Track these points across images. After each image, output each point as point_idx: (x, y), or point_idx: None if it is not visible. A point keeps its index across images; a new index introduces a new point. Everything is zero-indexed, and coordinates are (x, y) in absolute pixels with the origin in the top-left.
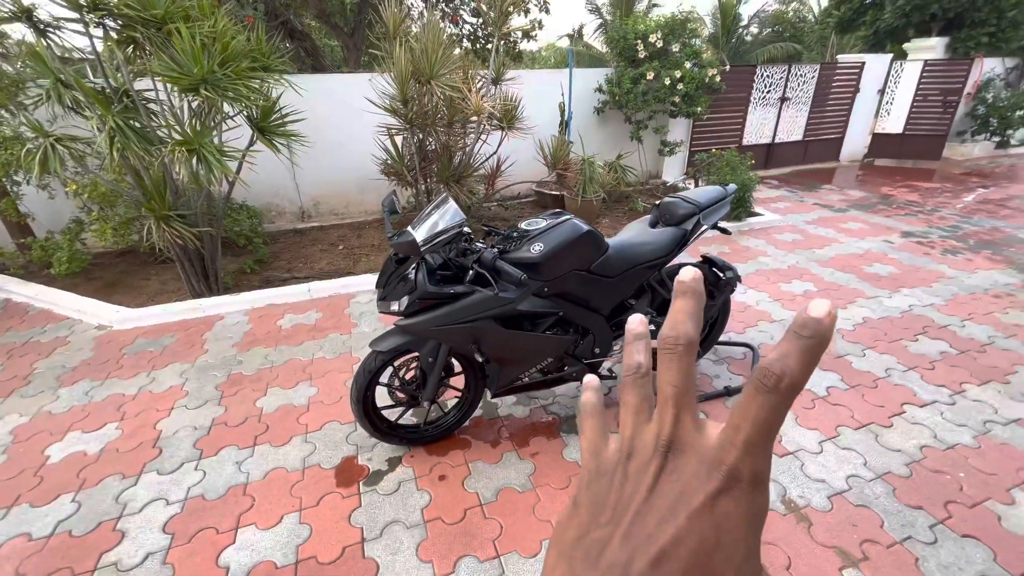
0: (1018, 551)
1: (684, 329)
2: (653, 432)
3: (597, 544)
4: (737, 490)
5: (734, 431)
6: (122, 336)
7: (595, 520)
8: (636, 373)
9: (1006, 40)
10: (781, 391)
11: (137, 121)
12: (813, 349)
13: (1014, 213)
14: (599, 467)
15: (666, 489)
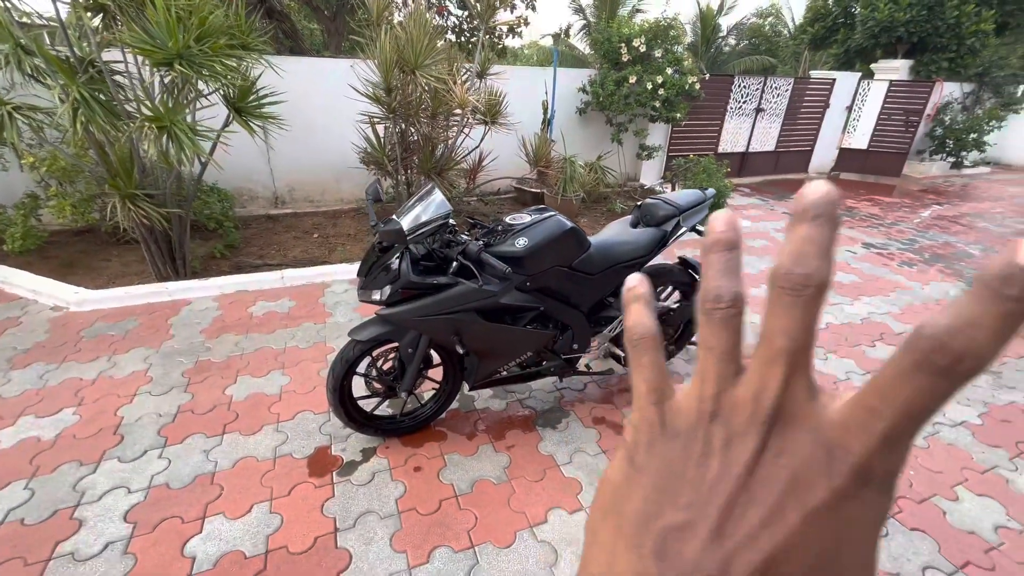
0: (960, 544)
1: (817, 267)
2: (750, 392)
3: (676, 534)
4: (867, 489)
5: (870, 414)
6: (80, 318)
7: (669, 498)
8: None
9: (964, 66)
10: (957, 375)
11: (104, 93)
12: (1017, 318)
13: (965, 229)
14: (667, 422)
15: (770, 474)
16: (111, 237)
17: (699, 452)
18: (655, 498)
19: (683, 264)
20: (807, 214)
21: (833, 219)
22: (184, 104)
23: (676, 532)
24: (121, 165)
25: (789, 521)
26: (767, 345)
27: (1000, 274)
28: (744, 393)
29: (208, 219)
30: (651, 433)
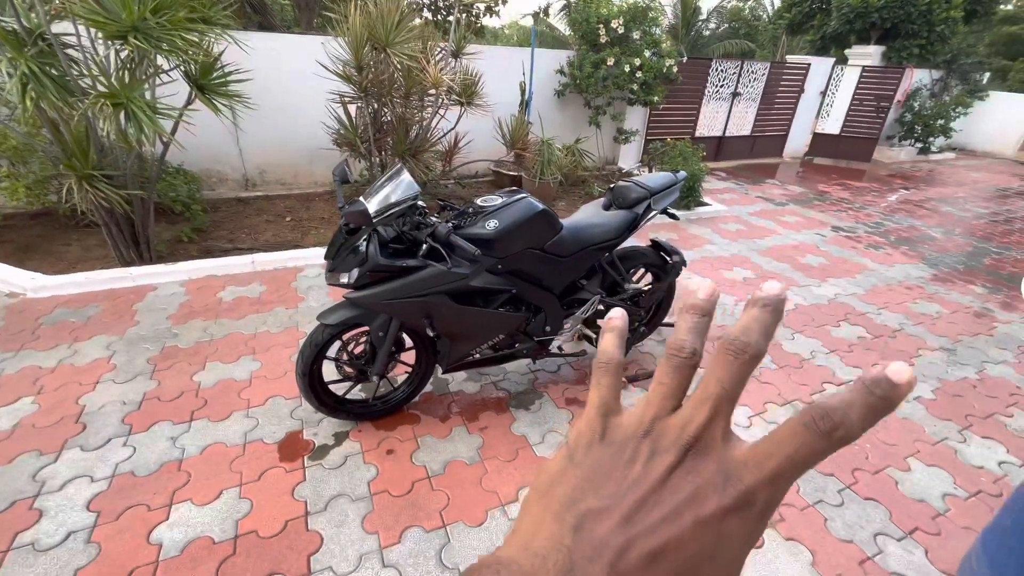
0: (910, 511)
1: (756, 340)
2: (679, 423)
3: (592, 516)
4: (748, 511)
5: (765, 457)
6: (38, 305)
7: (594, 488)
8: (684, 356)
9: (934, 53)
10: (832, 440)
11: (55, 68)
12: (879, 411)
13: (930, 213)
14: (608, 433)
15: (678, 485)
16: (70, 220)
17: (627, 459)
18: (583, 487)
19: (655, 246)
20: (760, 302)
21: (778, 311)
22: (142, 80)
23: (594, 514)
24: (76, 144)
25: (683, 522)
26: (703, 388)
27: (873, 378)
28: (675, 422)
29: (174, 202)
30: (592, 438)
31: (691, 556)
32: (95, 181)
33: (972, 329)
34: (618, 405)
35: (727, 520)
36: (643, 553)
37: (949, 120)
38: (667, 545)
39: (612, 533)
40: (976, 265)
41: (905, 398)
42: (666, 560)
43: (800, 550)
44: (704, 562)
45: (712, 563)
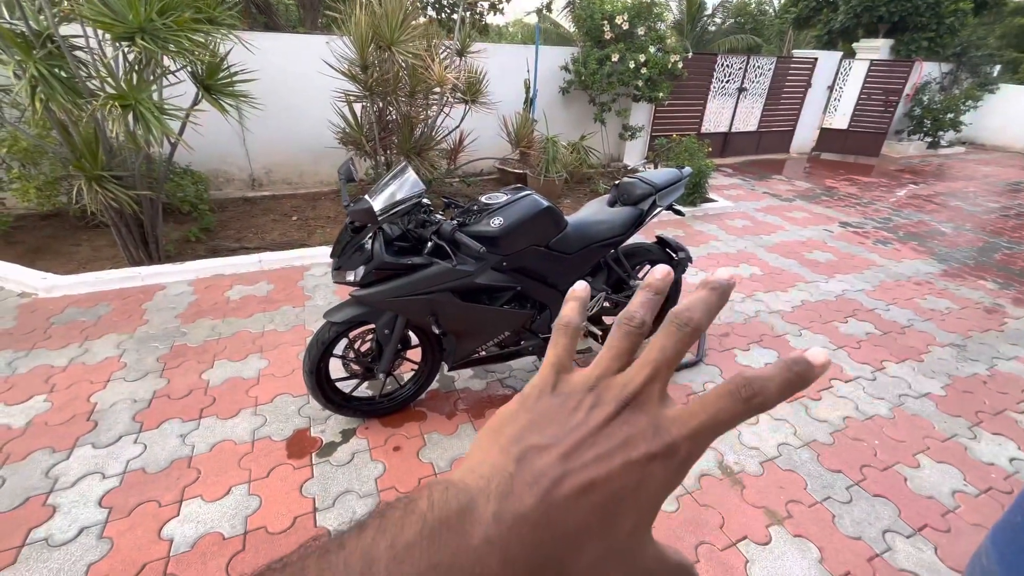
0: (919, 508)
1: (699, 317)
2: (623, 381)
3: (535, 451)
4: (670, 460)
5: (691, 416)
6: (50, 305)
7: (539, 429)
8: (634, 325)
9: (943, 46)
10: (750, 406)
11: (64, 70)
12: (793, 385)
13: (939, 208)
14: (558, 386)
15: (613, 432)
16: (80, 221)
17: (571, 407)
18: (530, 427)
19: (660, 243)
20: (709, 285)
21: (724, 295)
22: (149, 81)
23: (536, 450)
24: (86, 145)
25: (613, 462)
26: (647, 354)
27: (794, 358)
28: (619, 380)
29: (182, 202)
30: (543, 389)
31: (616, 491)
32: (104, 182)
33: (983, 325)
34: (570, 364)
35: (651, 465)
36: (576, 484)
37: (959, 114)
38: (597, 480)
39: (551, 466)
40: (987, 260)
41: (817, 378)
42: (595, 492)
43: (808, 547)
44: (627, 496)
45: (634, 499)
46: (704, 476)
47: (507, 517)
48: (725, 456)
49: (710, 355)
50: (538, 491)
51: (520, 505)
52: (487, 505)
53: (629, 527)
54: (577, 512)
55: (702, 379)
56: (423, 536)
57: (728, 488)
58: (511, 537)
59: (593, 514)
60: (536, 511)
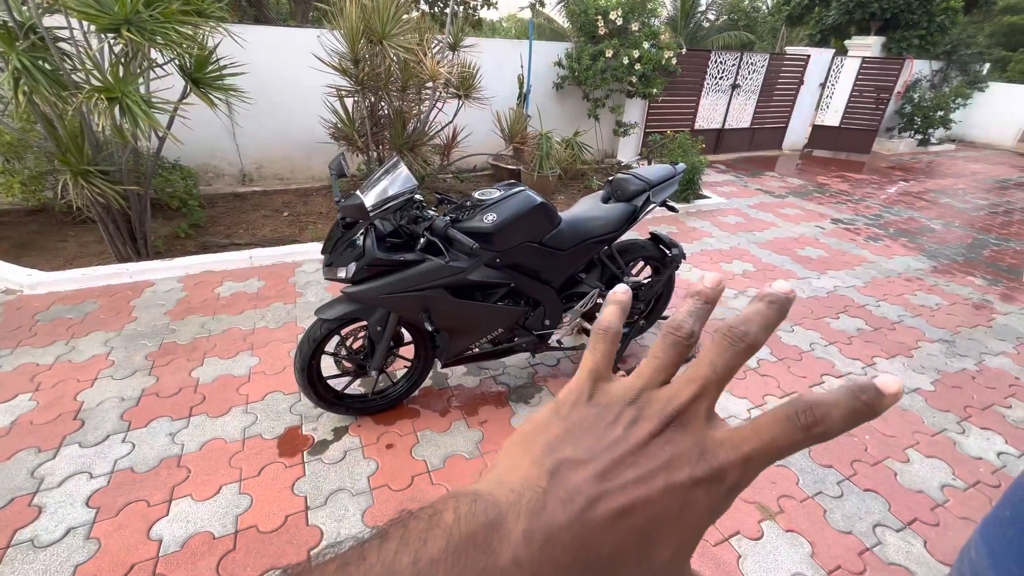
0: (909, 502)
1: (755, 332)
2: (666, 396)
3: (569, 465)
4: (716, 486)
5: (742, 440)
6: (35, 302)
7: (575, 441)
8: (682, 335)
9: (934, 43)
10: (811, 435)
11: (48, 62)
12: (861, 415)
13: (929, 205)
14: (596, 395)
15: (655, 452)
16: (66, 216)
17: (610, 420)
18: (564, 438)
19: (654, 239)
20: (768, 298)
21: (784, 310)
22: (136, 74)
23: (571, 464)
24: (71, 140)
25: (654, 485)
26: (695, 368)
27: (862, 384)
28: (662, 394)
29: (171, 197)
30: (579, 397)
31: (656, 517)
32: (90, 177)
33: (971, 321)
34: (609, 372)
35: (696, 490)
36: (613, 507)
37: (949, 111)
38: (636, 503)
39: (587, 483)
40: (975, 257)
41: (888, 408)
42: (633, 517)
43: (800, 542)
44: (667, 524)
45: (675, 527)
46: None
47: (538, 537)
48: None
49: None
50: (573, 510)
51: (553, 525)
52: (517, 522)
53: (668, 555)
54: (613, 536)
55: None
56: (448, 553)
57: None
58: (542, 559)
59: (630, 539)
60: (569, 532)
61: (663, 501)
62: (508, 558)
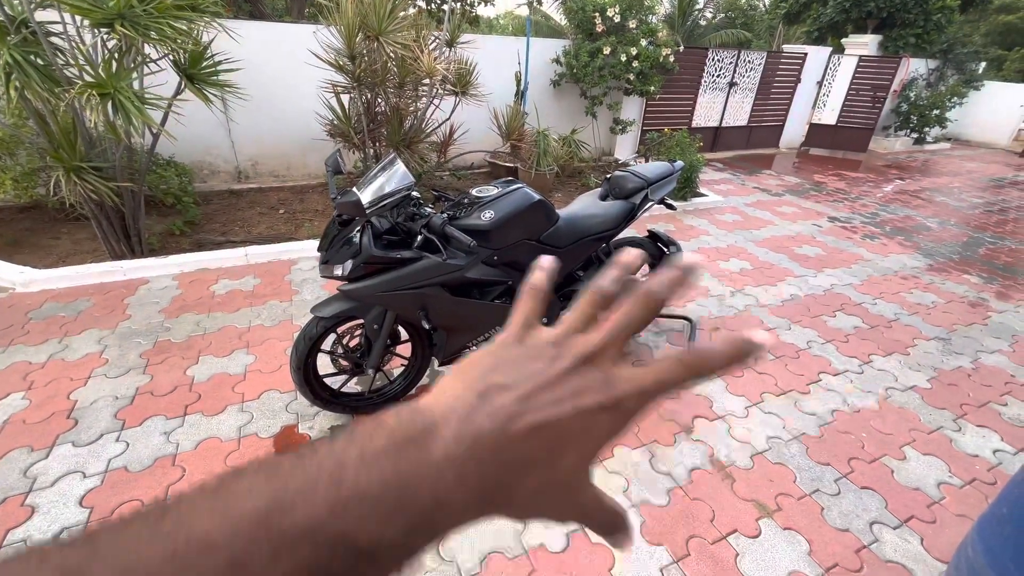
0: (906, 500)
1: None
2: (583, 341)
3: (496, 389)
4: (616, 411)
5: (640, 376)
6: (27, 299)
7: (504, 373)
8: (599, 294)
9: (930, 42)
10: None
11: (40, 57)
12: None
13: (925, 204)
14: (523, 339)
15: (569, 382)
16: (59, 213)
17: (534, 358)
18: (494, 369)
19: (652, 237)
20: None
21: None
22: (130, 70)
23: (498, 388)
24: (64, 136)
25: (565, 407)
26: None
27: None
28: (580, 340)
29: (165, 194)
30: (511, 340)
31: (564, 432)
32: (83, 173)
33: (967, 319)
34: (537, 322)
35: (599, 414)
36: (530, 422)
37: (944, 110)
38: (549, 421)
39: (510, 403)
40: (971, 255)
41: (757, 355)
42: (545, 431)
43: (797, 539)
44: (573, 438)
45: (579, 441)
46: (695, 470)
47: (466, 439)
48: (716, 450)
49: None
50: (496, 422)
51: (479, 431)
52: (449, 427)
53: (571, 465)
54: (528, 445)
55: None
56: (389, 447)
57: (719, 482)
58: (467, 456)
59: (541, 449)
60: (492, 438)
61: (571, 421)
62: (440, 454)
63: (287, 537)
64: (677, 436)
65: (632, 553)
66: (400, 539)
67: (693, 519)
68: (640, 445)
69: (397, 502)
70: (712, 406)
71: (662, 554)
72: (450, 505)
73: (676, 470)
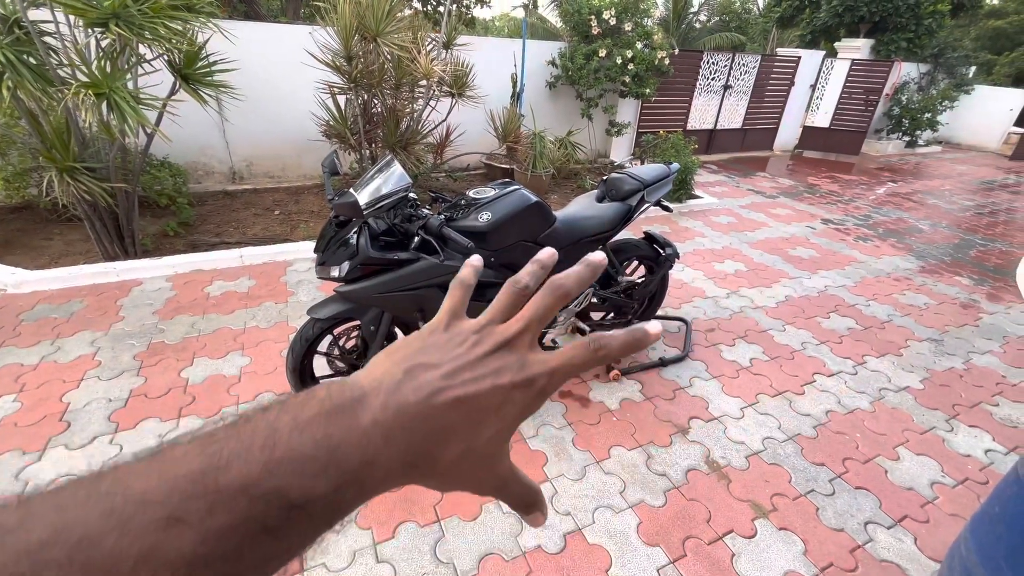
0: (899, 499)
1: (571, 285)
2: (502, 329)
3: (422, 367)
4: (529, 389)
5: (551, 359)
6: (19, 301)
7: (429, 354)
8: (518, 288)
9: (922, 46)
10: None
11: (33, 56)
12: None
13: (916, 206)
14: (450, 327)
15: (487, 363)
16: (51, 214)
17: (457, 342)
18: (421, 351)
19: (648, 239)
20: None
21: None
22: (124, 70)
23: (423, 366)
24: (56, 136)
25: (483, 384)
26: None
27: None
28: (499, 328)
29: (159, 195)
30: (438, 328)
31: (482, 406)
32: (76, 174)
33: (959, 320)
34: (463, 313)
35: (514, 391)
36: (451, 396)
37: (936, 113)
38: (468, 396)
39: (434, 379)
40: (962, 257)
41: (651, 343)
42: (465, 405)
43: (793, 539)
44: (491, 412)
45: (496, 415)
46: (691, 471)
47: (392, 408)
48: (712, 451)
49: (696, 350)
50: (420, 395)
51: (404, 401)
52: (377, 398)
53: (488, 436)
54: (448, 416)
55: (688, 374)
56: (321, 414)
57: (715, 483)
58: (394, 423)
59: (461, 420)
60: (416, 408)
61: (489, 397)
62: (368, 420)
63: (223, 493)
64: (673, 437)
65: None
66: (331, 495)
67: (689, 520)
68: (637, 446)
69: (328, 461)
70: (708, 407)
71: (659, 555)
72: (377, 466)
73: (672, 471)
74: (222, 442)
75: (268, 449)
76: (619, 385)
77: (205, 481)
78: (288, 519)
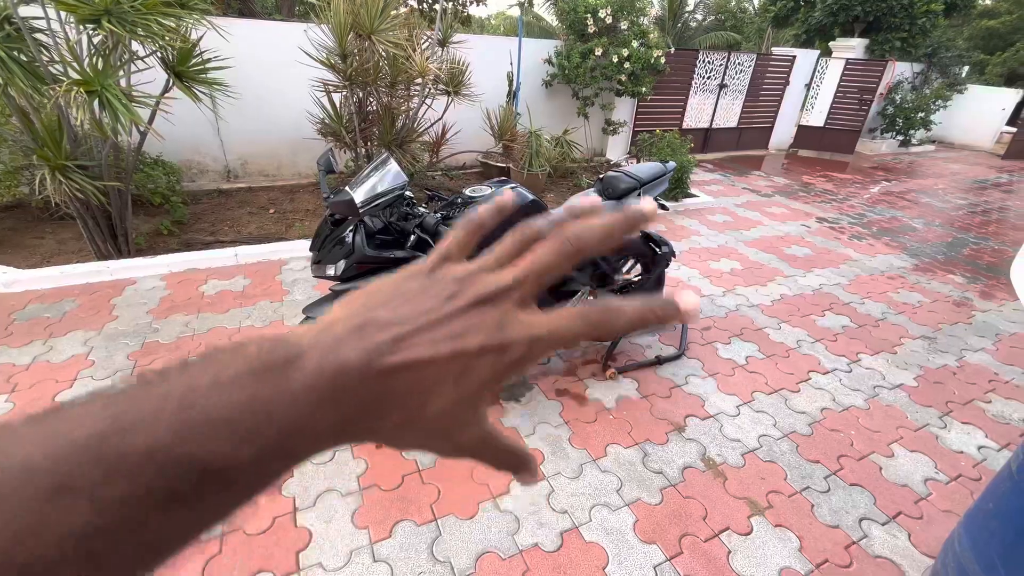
0: (894, 496)
1: (588, 237)
2: (490, 279)
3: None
4: (501, 356)
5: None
6: (10, 300)
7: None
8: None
9: (915, 46)
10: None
11: (24, 53)
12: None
13: (910, 205)
14: (436, 270)
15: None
16: (43, 213)
17: (432, 294)
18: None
19: (644, 237)
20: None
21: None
22: (117, 67)
23: (377, 324)
24: (48, 133)
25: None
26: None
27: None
28: (488, 278)
29: (153, 194)
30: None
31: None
32: (69, 172)
33: (952, 318)
34: (459, 255)
35: (481, 356)
36: (394, 361)
37: (929, 113)
38: (419, 360)
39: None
40: (955, 255)
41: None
42: (413, 371)
43: (788, 536)
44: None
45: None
46: (687, 468)
47: (328, 371)
48: (708, 449)
49: (692, 348)
50: (362, 358)
51: (342, 364)
52: (312, 359)
53: (437, 409)
54: (390, 383)
55: (684, 372)
56: (246, 374)
57: (711, 480)
58: (327, 388)
59: (403, 388)
60: (355, 370)
61: (445, 364)
62: (300, 383)
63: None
64: (670, 435)
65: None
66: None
67: (686, 517)
68: (633, 444)
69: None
70: (704, 405)
71: (655, 552)
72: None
73: (669, 469)
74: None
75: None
76: (616, 383)
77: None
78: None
